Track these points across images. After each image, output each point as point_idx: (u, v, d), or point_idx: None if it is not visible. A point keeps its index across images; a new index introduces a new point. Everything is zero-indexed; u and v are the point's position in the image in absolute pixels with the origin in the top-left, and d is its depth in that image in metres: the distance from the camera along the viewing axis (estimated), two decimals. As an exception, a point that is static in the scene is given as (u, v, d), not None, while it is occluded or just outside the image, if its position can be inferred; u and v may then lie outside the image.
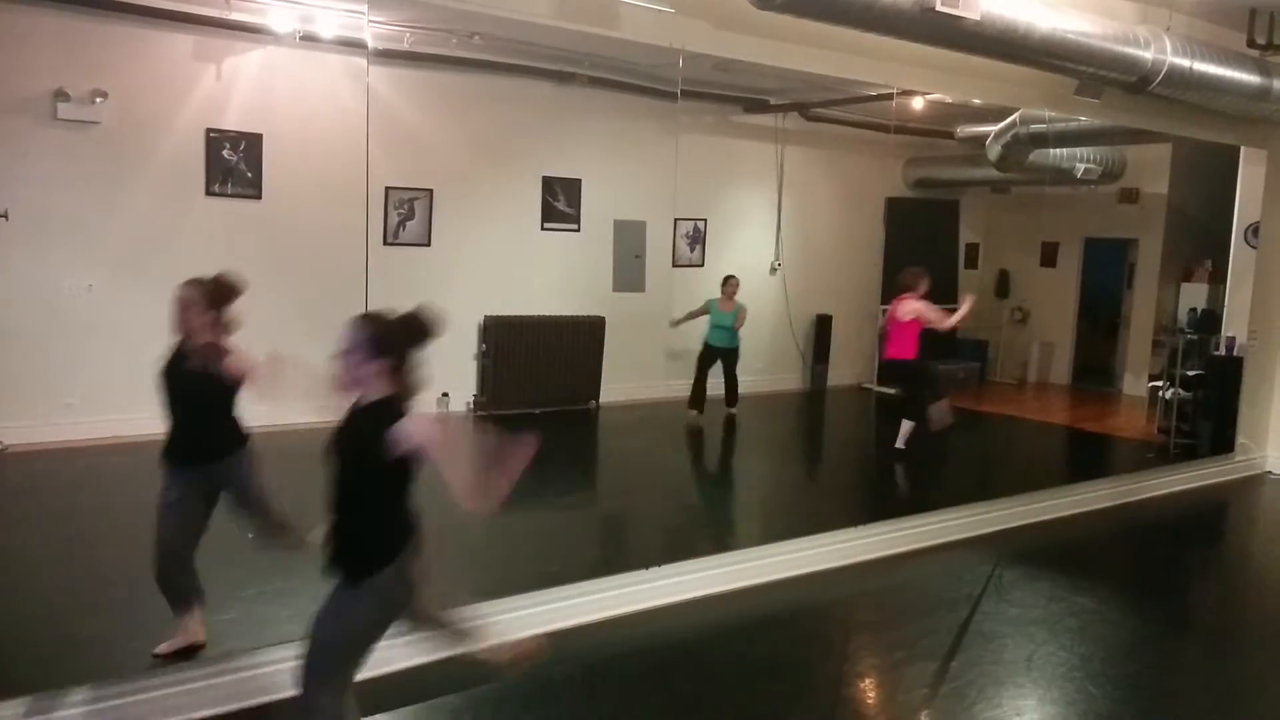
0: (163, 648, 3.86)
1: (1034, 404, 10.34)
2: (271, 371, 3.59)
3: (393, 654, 4.00)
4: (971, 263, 12.40)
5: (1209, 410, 8.69)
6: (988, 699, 3.99)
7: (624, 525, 6.57)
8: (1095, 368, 11.81)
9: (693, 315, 8.86)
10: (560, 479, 7.18)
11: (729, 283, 8.97)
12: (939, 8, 4.48)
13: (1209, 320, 9.19)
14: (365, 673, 3.87)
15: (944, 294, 11.97)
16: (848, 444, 9.55)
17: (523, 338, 8.95)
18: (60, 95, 6.82)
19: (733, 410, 9.26)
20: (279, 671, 3.77)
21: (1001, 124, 8.84)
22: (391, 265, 7.64)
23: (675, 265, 9.76)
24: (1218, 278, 9.45)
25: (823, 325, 11.19)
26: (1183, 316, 9.62)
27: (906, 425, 7.60)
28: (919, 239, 11.72)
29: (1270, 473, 8.53)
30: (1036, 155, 9.17)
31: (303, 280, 7.79)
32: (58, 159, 6.92)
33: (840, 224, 11.26)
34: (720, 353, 9.02)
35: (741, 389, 9.22)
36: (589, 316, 9.32)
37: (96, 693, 3.48)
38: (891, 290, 11.24)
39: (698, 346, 9.08)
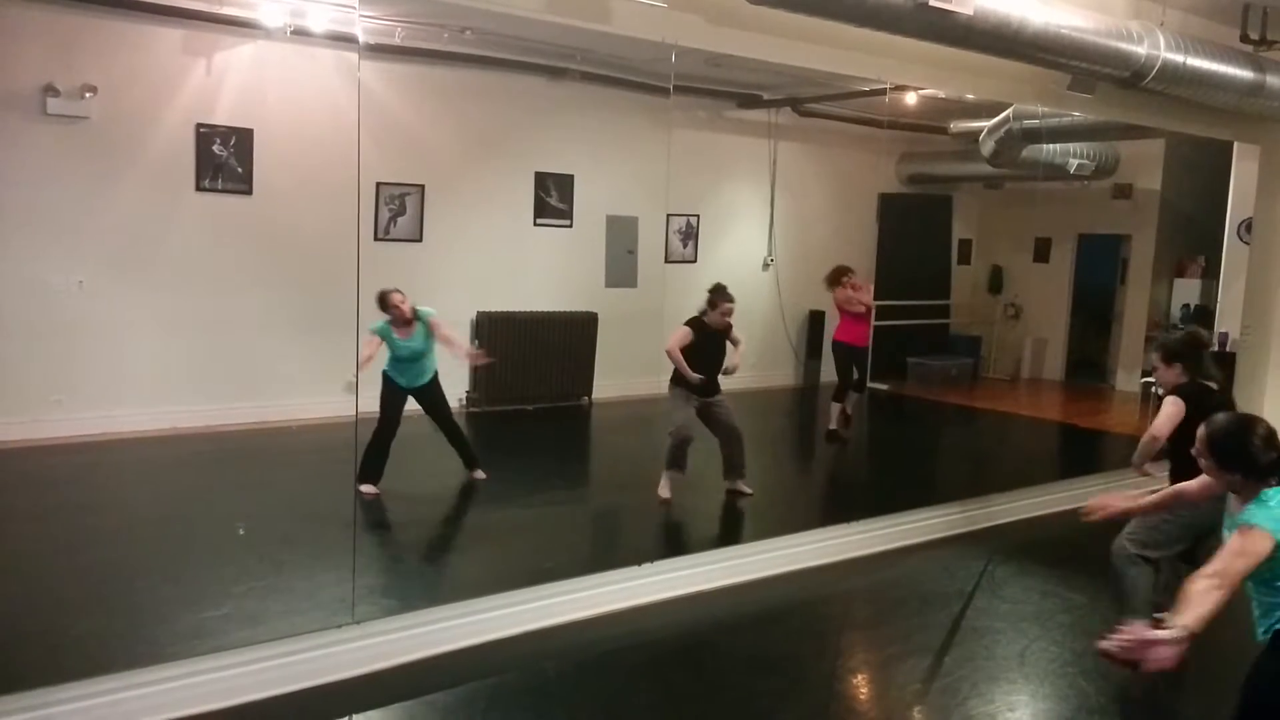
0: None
1: (1027, 400, 10.36)
2: None
3: (385, 650, 4.00)
4: (965, 258, 12.43)
5: (1202, 406, 8.68)
6: (980, 694, 3.99)
7: (617, 521, 6.56)
8: (1088, 363, 11.83)
9: (370, 357, 5.76)
10: (553, 475, 7.17)
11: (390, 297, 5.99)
12: (932, 2, 4.47)
13: (1202, 316, 9.21)
14: (358, 669, 3.89)
15: (937, 290, 12.07)
16: (840, 440, 9.53)
17: (515, 333, 8.92)
18: (49, 90, 6.78)
19: (477, 475, 6.39)
20: (271, 669, 3.76)
21: (994, 119, 8.84)
22: (382, 261, 7.61)
23: (668, 261, 9.73)
24: (1211, 273, 9.49)
25: (815, 321, 11.19)
26: (1176, 312, 9.64)
27: None
28: (912, 234, 11.74)
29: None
30: (1029, 151, 9.17)
31: (293, 276, 7.77)
32: (47, 154, 6.87)
33: (833, 219, 11.24)
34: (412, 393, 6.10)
35: (736, 385, 8.93)
36: (581, 312, 9.30)
37: (89, 688, 3.45)
38: (889, 286, 11.32)
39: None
